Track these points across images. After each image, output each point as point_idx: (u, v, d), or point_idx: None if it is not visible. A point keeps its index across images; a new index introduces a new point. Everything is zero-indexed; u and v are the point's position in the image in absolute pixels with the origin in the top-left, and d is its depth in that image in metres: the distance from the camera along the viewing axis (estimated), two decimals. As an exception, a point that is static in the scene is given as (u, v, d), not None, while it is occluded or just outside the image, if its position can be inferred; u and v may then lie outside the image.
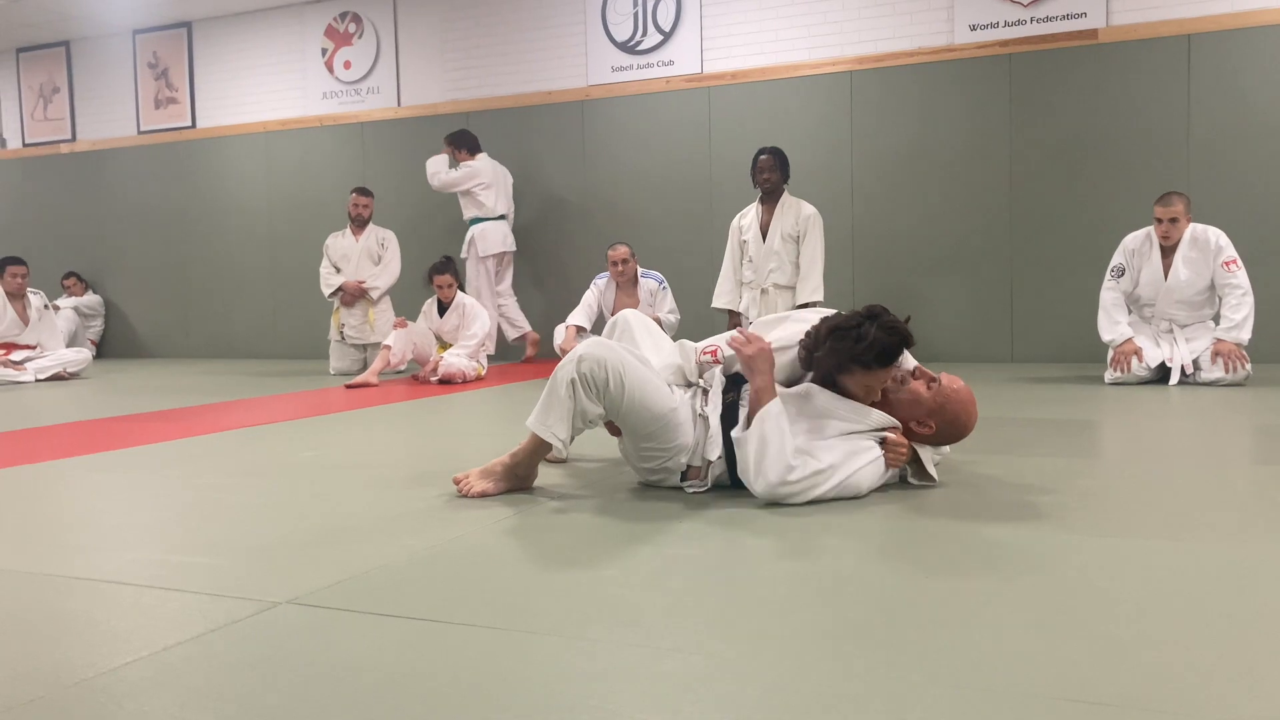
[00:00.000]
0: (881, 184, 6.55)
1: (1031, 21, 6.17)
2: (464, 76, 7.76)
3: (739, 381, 2.36)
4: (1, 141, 9.65)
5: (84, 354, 6.99)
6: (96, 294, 9.17)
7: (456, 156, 6.93)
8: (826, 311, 2.43)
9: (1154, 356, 4.83)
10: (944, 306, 6.37)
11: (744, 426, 2.22)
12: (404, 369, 6.24)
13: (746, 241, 5.75)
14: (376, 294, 6.78)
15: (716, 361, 2.39)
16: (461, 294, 6.13)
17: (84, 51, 9.22)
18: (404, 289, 6.99)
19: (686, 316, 6.20)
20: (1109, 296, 5.03)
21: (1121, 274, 5.03)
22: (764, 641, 1.36)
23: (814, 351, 2.33)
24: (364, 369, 6.33)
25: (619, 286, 6.11)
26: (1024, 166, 6.23)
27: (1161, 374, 4.82)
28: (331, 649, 1.36)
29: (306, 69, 8.30)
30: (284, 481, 2.71)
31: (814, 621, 1.44)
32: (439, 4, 7.81)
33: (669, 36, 7.10)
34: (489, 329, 6.11)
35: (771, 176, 5.64)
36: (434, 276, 6.02)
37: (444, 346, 6.03)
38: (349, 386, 5.56)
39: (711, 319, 6.04)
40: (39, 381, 6.47)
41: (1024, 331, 6.27)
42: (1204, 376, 4.69)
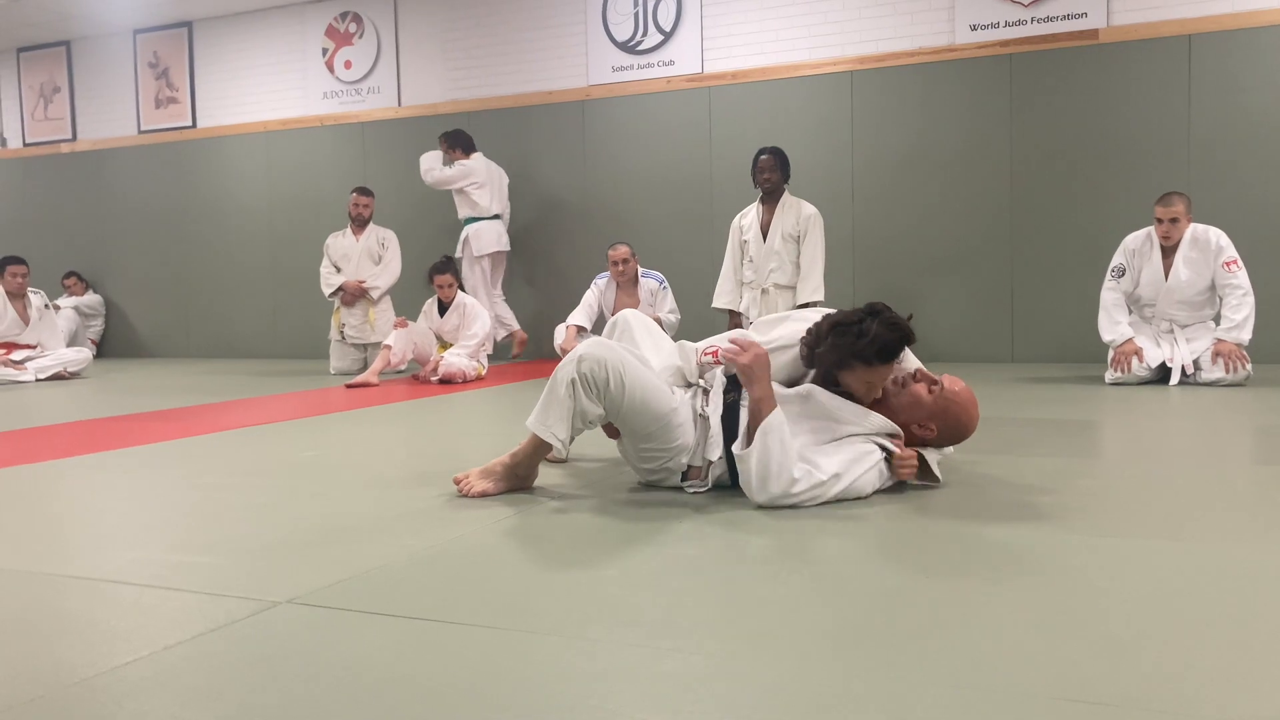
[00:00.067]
0: (882, 184, 6.55)
1: (1032, 21, 6.17)
2: (464, 76, 7.76)
3: (740, 381, 2.35)
4: (2, 141, 9.65)
5: (84, 354, 6.99)
6: (97, 294, 9.17)
7: (451, 156, 6.94)
8: (827, 311, 2.43)
9: (1154, 357, 4.83)
10: (944, 306, 6.37)
11: (744, 442, 2.19)
12: (404, 369, 6.25)
13: (747, 241, 5.75)
14: (377, 294, 6.78)
15: (717, 362, 2.38)
16: (462, 294, 6.13)
17: (84, 51, 9.22)
18: (404, 289, 6.99)
19: (687, 316, 6.20)
20: (1109, 296, 5.03)
21: (1122, 274, 5.02)
22: (764, 641, 1.36)
23: (815, 348, 2.33)
24: (364, 369, 6.33)
25: (619, 286, 6.11)
26: (1025, 166, 6.23)
27: (1162, 374, 4.82)
28: (331, 649, 1.36)
29: (307, 69, 8.30)
30: (284, 481, 2.71)
31: (814, 621, 1.44)
32: (439, 4, 7.81)
33: (669, 36, 7.10)
34: (489, 329, 6.11)
35: (772, 176, 5.64)
36: (434, 276, 6.03)
37: (444, 346, 6.03)
38: (349, 386, 5.56)
39: (712, 319, 6.04)
40: (39, 381, 6.47)
41: (1024, 331, 6.27)
42: (1204, 377, 4.69)
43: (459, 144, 6.95)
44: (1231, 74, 5.78)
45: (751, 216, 5.78)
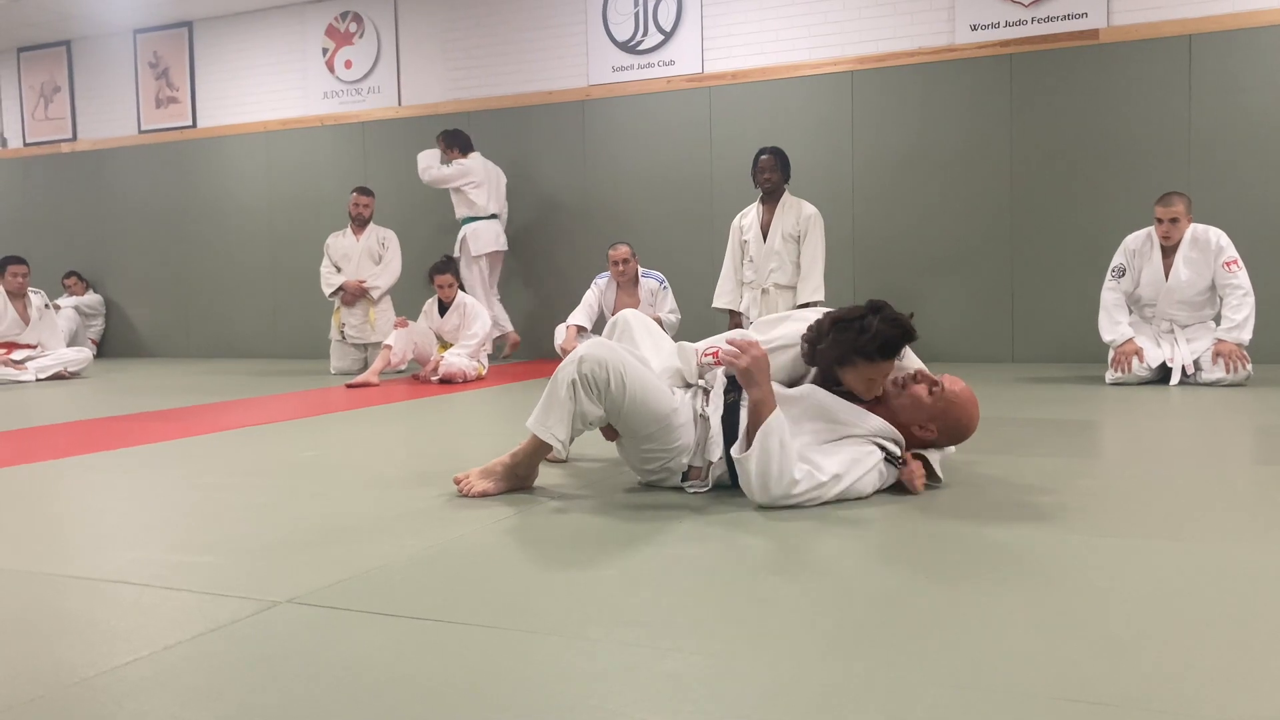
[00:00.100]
0: (882, 184, 6.55)
1: (1032, 21, 6.17)
2: (465, 76, 7.76)
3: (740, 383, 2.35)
4: (2, 141, 9.65)
5: (84, 353, 7.00)
6: (97, 293, 9.17)
7: (449, 155, 6.94)
8: (827, 310, 2.43)
9: (1155, 357, 4.83)
10: (944, 306, 6.37)
11: (744, 444, 2.17)
12: (404, 369, 6.25)
13: (747, 241, 5.75)
14: (377, 293, 6.79)
15: (718, 363, 2.38)
16: (462, 294, 6.14)
17: (85, 51, 9.22)
18: (404, 288, 7.00)
19: (687, 317, 6.20)
20: (1110, 297, 5.03)
21: (1122, 274, 5.02)
22: (764, 641, 1.36)
23: (817, 344, 2.33)
24: (364, 368, 6.33)
25: (620, 286, 6.11)
26: (1025, 167, 6.23)
27: (1162, 374, 4.82)
28: (331, 648, 1.36)
29: (307, 68, 8.30)
30: (284, 481, 2.71)
31: (814, 621, 1.44)
32: (440, 3, 7.81)
33: (670, 36, 7.10)
34: (489, 329, 6.12)
35: (772, 176, 5.64)
36: (435, 276, 6.03)
37: (444, 346, 6.04)
38: (350, 386, 5.56)
39: (712, 319, 6.04)
40: (40, 381, 6.47)
41: (1024, 331, 6.27)
42: (1205, 377, 4.69)
43: (456, 143, 6.95)
44: (1231, 74, 5.78)
45: (752, 216, 5.78)
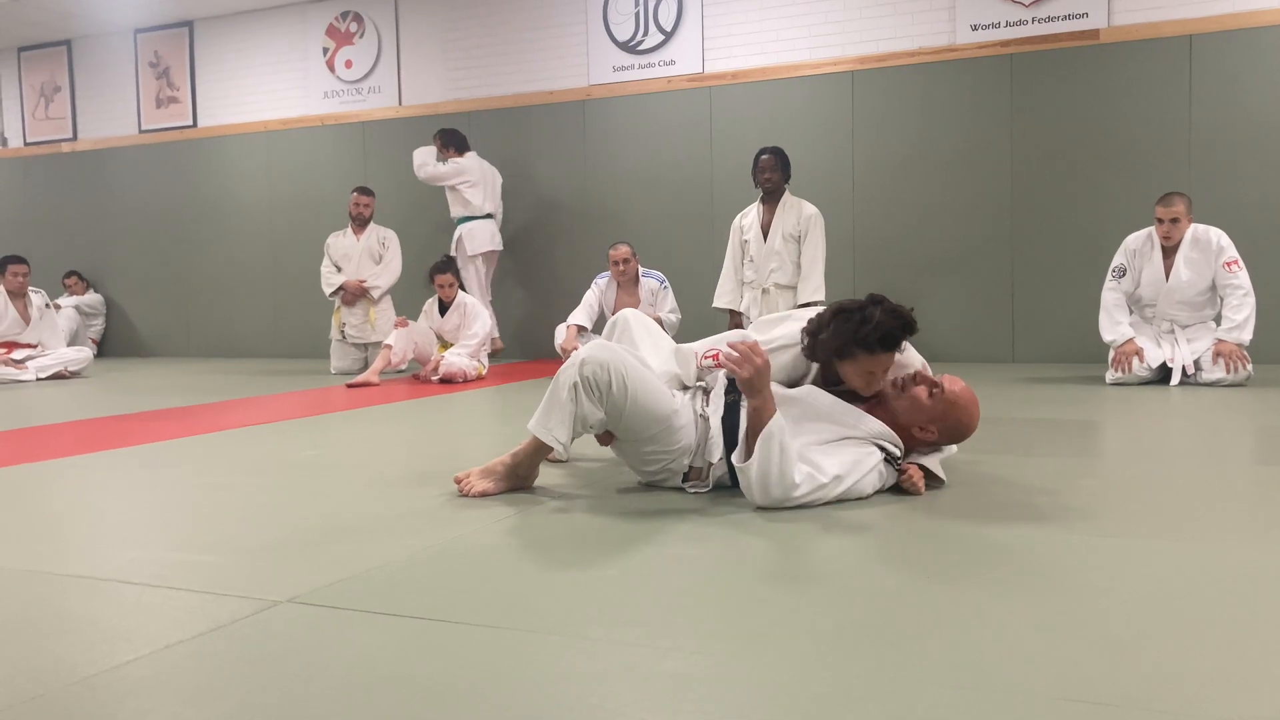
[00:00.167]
0: (883, 184, 6.55)
1: (1033, 22, 6.17)
2: (465, 76, 7.76)
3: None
4: (3, 140, 9.66)
5: (85, 353, 7.00)
6: (97, 293, 9.18)
7: (444, 154, 6.95)
8: (828, 308, 2.43)
9: (1155, 357, 4.83)
10: (945, 306, 6.37)
11: (743, 450, 2.16)
12: (405, 368, 6.25)
13: (748, 241, 5.75)
14: (377, 293, 6.79)
15: (719, 365, 2.37)
16: (463, 293, 6.14)
17: (85, 50, 9.22)
18: (405, 288, 7.00)
19: (687, 317, 6.21)
20: (1110, 297, 5.03)
21: (1123, 274, 5.02)
22: (764, 641, 1.36)
23: (818, 334, 2.33)
24: (365, 368, 6.33)
25: (620, 286, 6.11)
26: (1025, 166, 6.23)
27: (1163, 374, 4.82)
28: (332, 648, 1.37)
29: (308, 68, 8.30)
30: (285, 480, 2.71)
31: (814, 621, 1.44)
32: (440, 3, 7.81)
33: (670, 36, 7.10)
34: (490, 328, 6.12)
35: (773, 176, 5.64)
36: (435, 276, 6.04)
37: (445, 346, 6.04)
38: (350, 386, 5.56)
39: (712, 319, 6.04)
40: (40, 380, 6.47)
41: (1025, 331, 6.27)
42: (1205, 377, 4.69)
43: (452, 143, 6.96)
44: (1231, 74, 5.78)
45: (752, 216, 5.78)
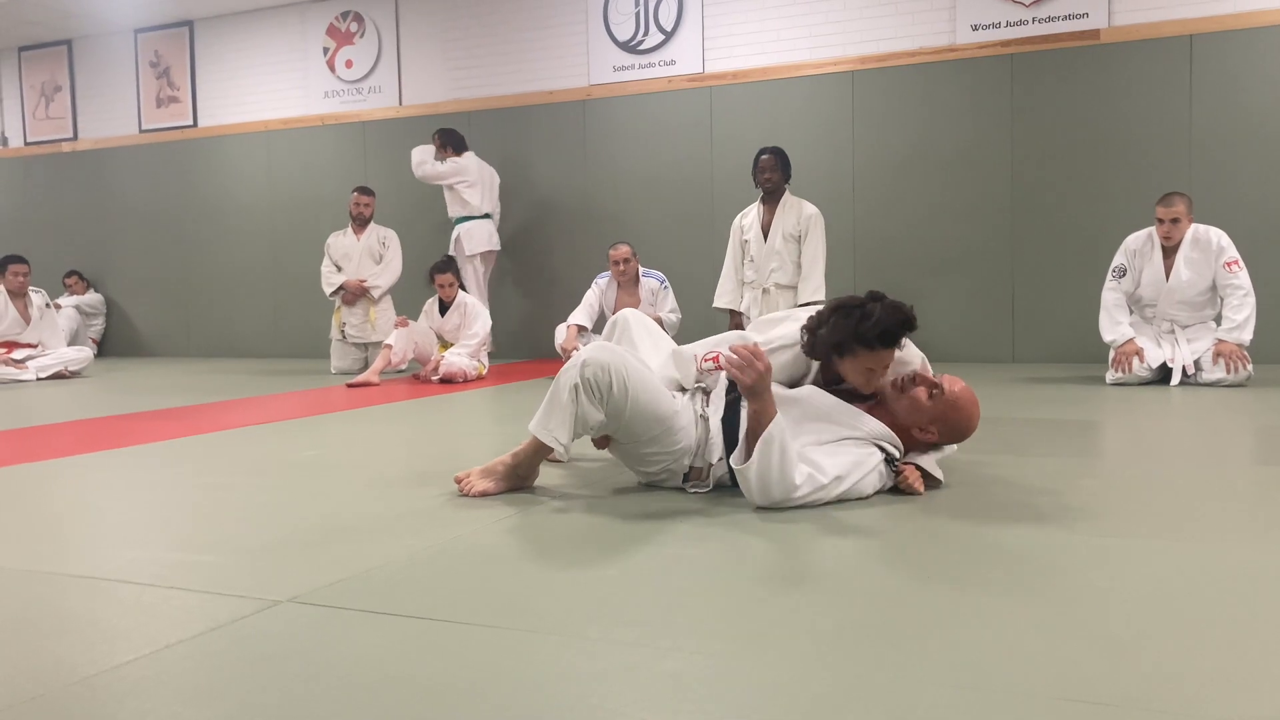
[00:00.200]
0: (883, 184, 6.55)
1: (1033, 22, 6.17)
2: (465, 76, 7.76)
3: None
4: (3, 140, 9.66)
5: (85, 352, 7.00)
6: (98, 292, 9.18)
7: (443, 154, 6.95)
8: (828, 308, 2.43)
9: (1155, 357, 4.83)
10: (945, 306, 6.37)
11: (743, 452, 2.16)
12: (405, 368, 6.25)
13: (748, 241, 5.75)
14: (378, 293, 6.79)
15: (720, 368, 2.36)
16: (463, 293, 6.14)
17: (85, 50, 9.23)
18: (405, 288, 7.00)
19: (687, 317, 6.20)
20: (1110, 297, 5.03)
21: (1123, 274, 5.02)
22: (764, 641, 1.36)
23: (818, 330, 2.33)
24: (365, 368, 6.33)
25: (620, 286, 6.11)
26: (1025, 166, 6.23)
27: (1163, 374, 4.82)
28: (332, 648, 1.37)
29: (308, 68, 8.31)
30: (285, 480, 2.71)
31: (814, 621, 1.44)
32: (440, 3, 7.81)
33: (670, 36, 7.10)
34: (490, 328, 6.12)
35: (773, 176, 5.63)
36: (435, 276, 6.04)
37: (445, 346, 6.04)
38: (350, 385, 5.56)
39: (712, 319, 6.04)
40: (40, 380, 6.48)
41: (1025, 331, 6.27)
42: (1205, 377, 4.69)
43: (451, 142, 6.97)
44: (1232, 74, 5.78)
45: (752, 216, 5.78)
